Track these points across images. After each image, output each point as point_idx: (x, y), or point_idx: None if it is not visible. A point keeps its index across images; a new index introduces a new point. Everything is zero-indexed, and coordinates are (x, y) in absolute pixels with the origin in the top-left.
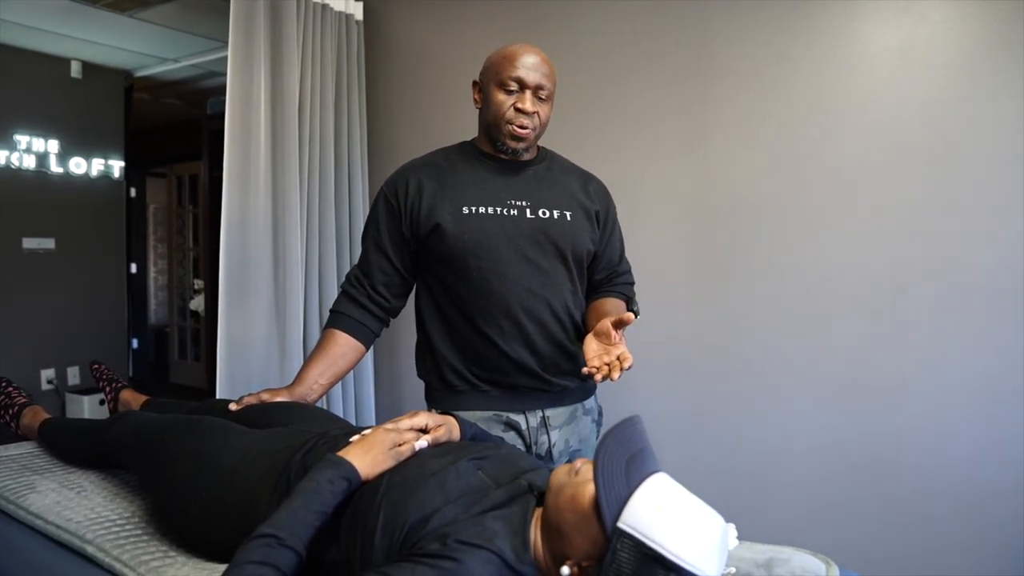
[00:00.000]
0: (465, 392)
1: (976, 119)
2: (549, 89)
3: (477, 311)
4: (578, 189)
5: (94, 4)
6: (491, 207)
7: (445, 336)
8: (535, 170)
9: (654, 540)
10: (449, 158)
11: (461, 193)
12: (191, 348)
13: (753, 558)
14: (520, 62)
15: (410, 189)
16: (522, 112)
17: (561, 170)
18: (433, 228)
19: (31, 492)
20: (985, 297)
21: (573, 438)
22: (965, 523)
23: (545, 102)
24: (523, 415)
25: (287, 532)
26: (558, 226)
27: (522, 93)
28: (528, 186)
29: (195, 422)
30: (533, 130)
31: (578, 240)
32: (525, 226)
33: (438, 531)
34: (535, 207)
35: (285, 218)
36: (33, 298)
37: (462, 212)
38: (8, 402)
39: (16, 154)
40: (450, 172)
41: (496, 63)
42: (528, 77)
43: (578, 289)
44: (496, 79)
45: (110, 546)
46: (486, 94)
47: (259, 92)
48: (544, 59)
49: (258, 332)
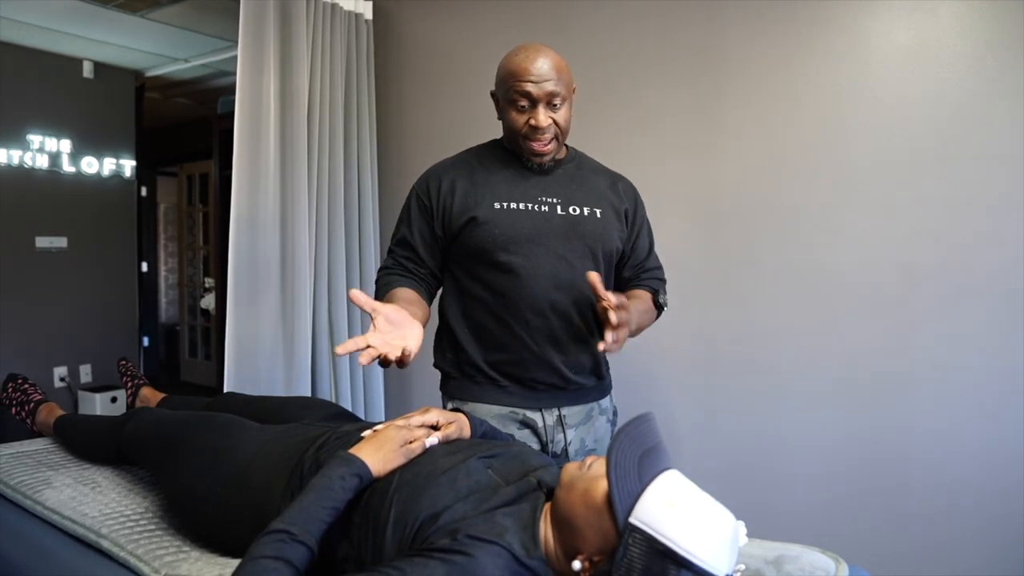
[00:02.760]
0: (483, 384)
1: (987, 117)
2: (562, 92)
3: (505, 305)
4: (607, 188)
5: (105, 5)
6: (523, 203)
7: (468, 330)
8: (565, 169)
9: (666, 536)
10: (480, 157)
11: (493, 189)
12: (201, 346)
13: (763, 555)
14: (525, 75)
15: (443, 187)
16: (536, 128)
17: (590, 169)
18: (468, 221)
19: (47, 488)
20: (996, 295)
21: (589, 437)
22: (974, 521)
23: (560, 108)
24: (539, 412)
25: (300, 528)
26: (588, 223)
27: (534, 109)
28: (559, 184)
29: (208, 418)
30: (553, 140)
31: (607, 237)
32: (556, 222)
33: (448, 527)
34: (566, 204)
35: (294, 217)
36: (46, 296)
37: (494, 207)
38: (24, 399)
39: (29, 154)
40: (481, 171)
41: (504, 78)
42: (536, 91)
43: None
44: (506, 97)
45: (125, 540)
46: (502, 110)
47: (269, 91)
48: (553, 62)
49: (266, 330)
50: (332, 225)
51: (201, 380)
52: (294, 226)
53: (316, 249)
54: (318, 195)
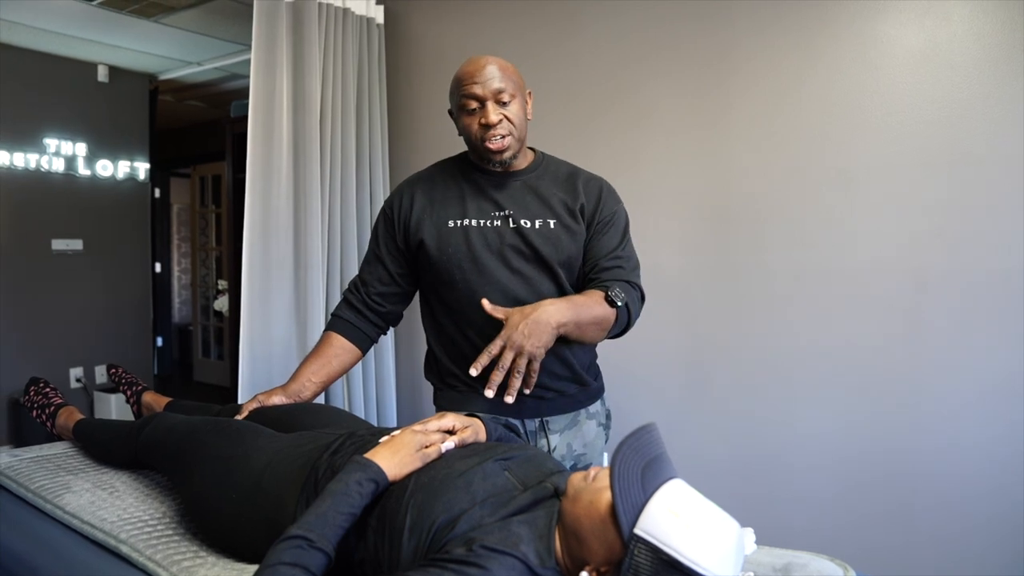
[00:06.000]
0: (464, 392)
1: (998, 120)
2: (509, 89)
3: (466, 321)
4: (565, 192)
5: (120, 10)
6: (476, 219)
7: (441, 344)
8: (525, 180)
9: (670, 546)
10: (443, 172)
11: (447, 207)
12: (214, 346)
13: (771, 563)
14: (470, 79)
15: (403, 203)
16: (488, 126)
17: (552, 177)
18: (418, 244)
19: (67, 492)
20: (1004, 298)
21: (576, 442)
22: (984, 528)
23: (510, 104)
24: (520, 420)
25: (317, 534)
26: (538, 234)
27: (484, 108)
28: (513, 197)
29: (225, 424)
30: (509, 135)
31: (560, 247)
32: (508, 236)
33: (465, 535)
34: (517, 217)
35: (307, 219)
36: (62, 298)
37: (447, 226)
38: (45, 402)
39: (46, 157)
40: (441, 187)
41: (453, 89)
42: (481, 90)
43: (568, 294)
44: (457, 104)
45: (143, 546)
46: (457, 121)
47: (281, 95)
48: (498, 64)
49: (279, 332)
50: (344, 227)
51: (214, 380)
52: (307, 228)
53: (328, 251)
54: (330, 198)
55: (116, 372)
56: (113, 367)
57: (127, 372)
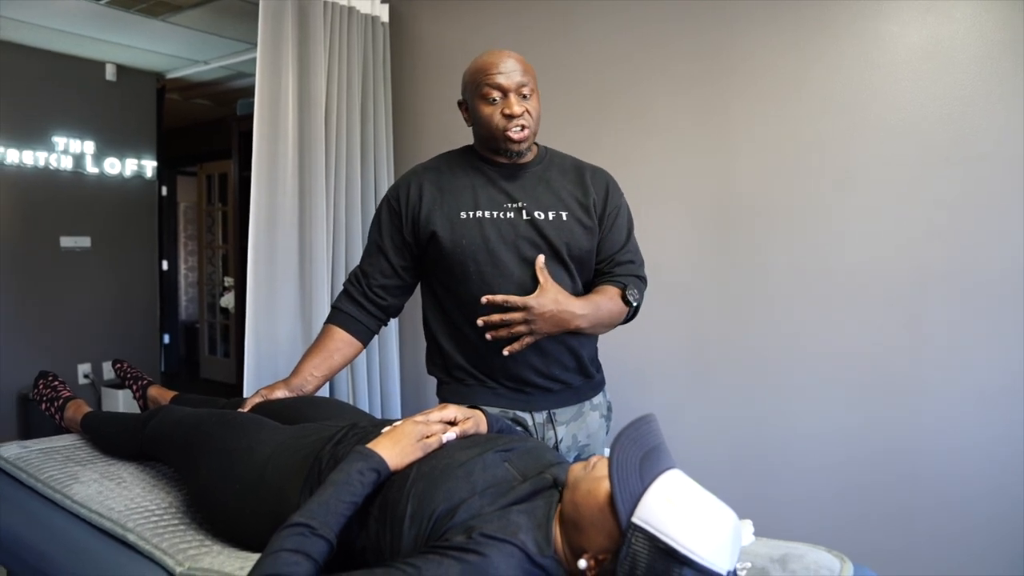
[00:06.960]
0: (472, 386)
1: (1000, 118)
2: (530, 84)
3: (478, 313)
4: (574, 185)
5: (128, 9)
6: (488, 211)
7: (450, 337)
8: (533, 172)
9: (667, 534)
10: (450, 163)
11: (458, 198)
12: (221, 343)
13: (768, 554)
14: (494, 69)
15: (411, 194)
16: (512, 116)
17: (559, 169)
18: (430, 236)
19: (75, 482)
20: (1005, 297)
21: (581, 433)
22: (982, 521)
23: (530, 98)
24: (529, 412)
25: (319, 522)
26: (552, 226)
27: (506, 98)
28: (525, 189)
29: (229, 417)
30: (528, 127)
31: (573, 238)
32: (522, 228)
33: (464, 523)
34: (530, 209)
35: (312, 217)
36: (70, 295)
37: (460, 217)
38: (54, 395)
39: (54, 155)
40: (449, 177)
41: (472, 78)
42: (506, 80)
43: (579, 286)
44: (477, 93)
45: (149, 534)
46: (473, 111)
47: (287, 93)
48: (517, 58)
49: (284, 329)
50: (349, 225)
51: (220, 377)
52: (312, 226)
53: (334, 248)
54: (335, 195)
55: (122, 367)
56: (118, 362)
57: (132, 367)
